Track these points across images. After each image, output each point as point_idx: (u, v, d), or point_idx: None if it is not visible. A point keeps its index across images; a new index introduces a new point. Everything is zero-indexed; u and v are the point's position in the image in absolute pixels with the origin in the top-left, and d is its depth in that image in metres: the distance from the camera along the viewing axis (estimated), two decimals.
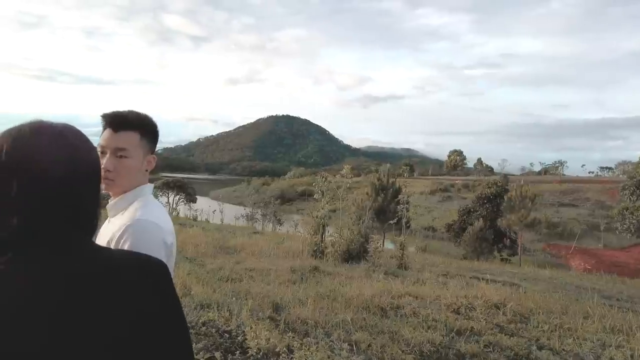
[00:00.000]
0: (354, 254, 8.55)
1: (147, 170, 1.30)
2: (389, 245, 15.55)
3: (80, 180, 0.73)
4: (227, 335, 3.74)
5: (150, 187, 1.32)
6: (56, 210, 0.69)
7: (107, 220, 1.28)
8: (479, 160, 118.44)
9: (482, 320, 4.83)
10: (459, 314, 5.09)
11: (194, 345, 3.41)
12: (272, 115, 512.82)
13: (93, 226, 0.76)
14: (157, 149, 1.37)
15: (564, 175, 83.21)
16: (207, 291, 5.06)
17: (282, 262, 8.06)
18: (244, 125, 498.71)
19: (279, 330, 3.94)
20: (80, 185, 0.73)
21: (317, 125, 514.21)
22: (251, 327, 3.81)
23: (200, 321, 3.97)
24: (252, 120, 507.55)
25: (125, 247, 1.12)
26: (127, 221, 1.16)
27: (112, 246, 1.13)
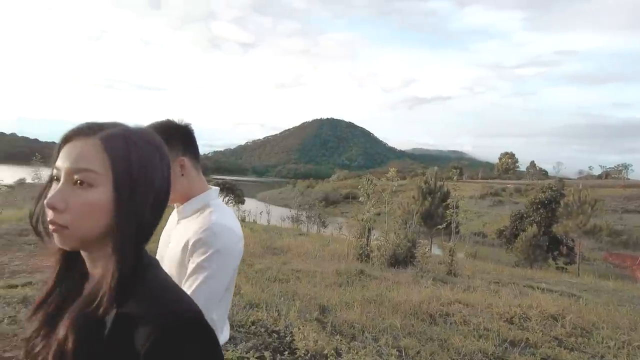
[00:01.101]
0: (401, 259, 8.41)
1: (182, 175, 1.25)
2: (436, 251, 15.15)
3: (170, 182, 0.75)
4: (276, 335, 3.81)
5: (216, 190, 1.36)
6: (160, 215, 0.73)
7: (175, 222, 1.33)
8: (532, 164, 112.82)
9: (538, 331, 4.58)
10: (512, 323, 4.87)
11: (244, 343, 3.51)
12: (316, 119, 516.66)
13: None
14: (207, 152, 1.39)
15: (628, 179, 77.17)
16: (256, 291, 5.17)
17: (327, 264, 8.08)
18: (289, 129, 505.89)
19: (326, 333, 3.95)
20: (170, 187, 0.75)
21: (361, 128, 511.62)
22: (299, 328, 3.86)
23: (250, 320, 4.06)
24: (298, 124, 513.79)
25: (201, 249, 1.16)
26: (204, 224, 1.19)
27: (187, 249, 1.18)
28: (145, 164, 0.68)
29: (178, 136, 1.25)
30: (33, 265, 6.01)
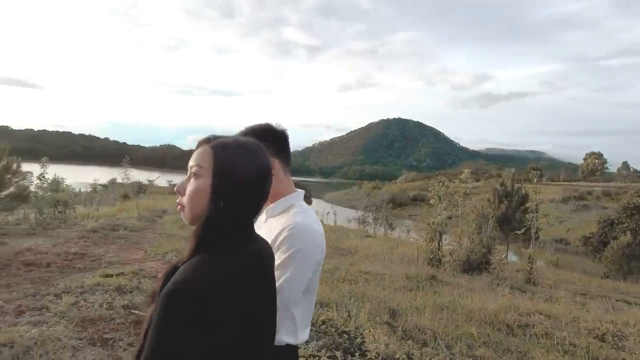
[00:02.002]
0: (475, 265, 8.04)
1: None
2: (513, 258, 14.27)
3: (265, 184, 0.95)
4: (346, 336, 3.83)
5: (302, 193, 1.43)
6: (259, 204, 0.95)
7: (263, 220, 1.40)
8: (624, 164, 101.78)
9: (638, 353, 4.14)
10: (604, 341, 4.44)
11: (315, 342, 3.58)
12: (383, 119, 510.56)
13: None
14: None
15: None
16: (325, 290, 5.24)
17: (396, 267, 7.96)
18: (355, 130, 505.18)
19: (397, 337, 3.90)
20: (267, 186, 0.95)
21: (431, 128, 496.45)
22: (369, 331, 3.84)
23: (320, 319, 4.13)
24: (364, 125, 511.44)
25: (284, 247, 1.22)
26: (288, 224, 1.26)
27: (274, 246, 1.24)
28: (234, 163, 0.88)
29: (272, 139, 1.32)
30: (124, 257, 6.62)
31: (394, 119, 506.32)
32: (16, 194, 9.70)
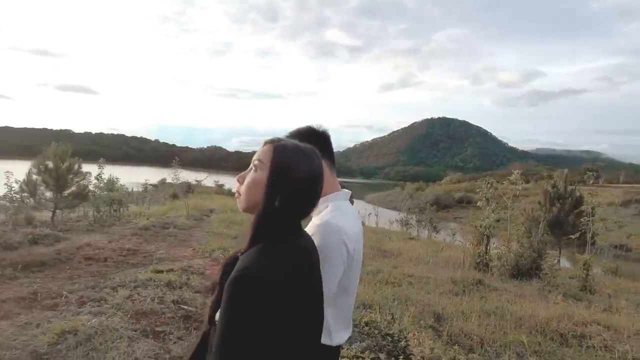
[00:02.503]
0: (525, 270, 7.69)
1: None
2: (565, 264, 13.51)
3: (320, 182, 1.02)
4: (390, 339, 3.79)
5: (343, 193, 1.43)
6: (307, 205, 1.02)
7: (311, 218, 1.43)
8: None
9: None
10: None
11: (358, 343, 3.57)
12: (427, 119, 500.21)
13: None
14: None
15: None
16: (368, 292, 5.21)
17: (441, 271, 7.77)
18: (397, 130, 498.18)
19: (442, 342, 3.82)
20: (319, 186, 1.02)
21: (477, 127, 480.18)
22: (414, 334, 3.78)
23: (364, 321, 4.11)
24: (406, 125, 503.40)
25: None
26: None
27: None
28: (290, 164, 0.97)
29: (315, 140, 1.32)
30: (174, 254, 6.91)
31: (438, 118, 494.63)
32: (77, 193, 10.39)
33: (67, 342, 3.09)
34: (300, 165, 0.97)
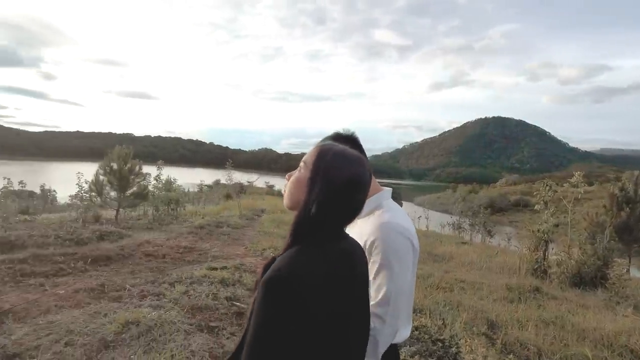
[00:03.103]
0: (588, 279, 7.19)
1: None
2: (636, 273, 12.47)
3: (359, 187, 1.00)
4: (440, 344, 3.71)
5: (387, 192, 1.44)
6: (348, 208, 0.99)
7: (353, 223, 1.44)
8: None
9: None
10: None
11: (407, 347, 3.52)
12: (480, 118, 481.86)
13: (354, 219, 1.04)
14: (367, 156, 1.48)
15: None
16: (419, 296, 5.12)
17: (495, 277, 7.47)
18: (449, 130, 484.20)
19: (496, 350, 3.67)
20: (366, 189, 1.02)
21: (534, 126, 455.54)
22: (466, 341, 3.67)
23: (413, 325, 4.05)
24: (458, 125, 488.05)
25: (377, 249, 1.25)
26: (376, 225, 1.29)
27: (365, 248, 1.27)
28: (330, 166, 0.97)
29: (344, 143, 1.35)
30: (227, 252, 7.16)
31: (493, 117, 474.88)
32: (138, 193, 11.06)
33: (131, 332, 3.31)
34: (342, 169, 0.97)
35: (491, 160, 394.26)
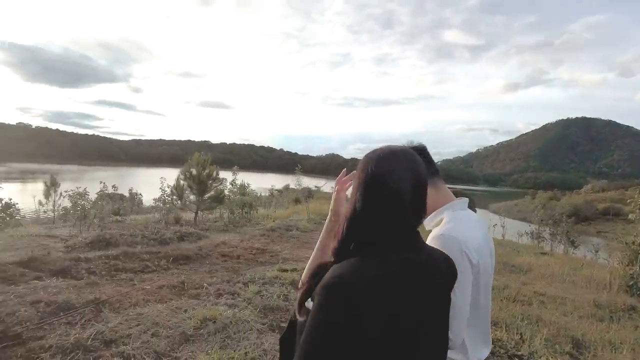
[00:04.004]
0: None
1: None
2: None
3: (420, 191, 0.94)
4: None
5: (459, 202, 1.39)
6: (408, 213, 0.91)
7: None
8: None
9: None
10: None
11: None
12: (562, 119, 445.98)
13: (419, 225, 0.97)
14: (437, 161, 1.44)
15: None
16: (494, 308, 4.86)
17: (580, 292, 6.86)
18: (527, 133, 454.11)
19: None
20: (420, 195, 0.94)
21: (627, 127, 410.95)
22: (547, 359, 3.42)
23: None
24: (537, 127, 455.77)
25: None
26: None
27: None
28: (371, 172, 0.92)
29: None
30: (297, 255, 7.34)
31: (576, 118, 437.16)
32: (215, 197, 11.74)
33: (208, 328, 3.52)
34: (381, 175, 0.90)
35: (574, 164, 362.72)
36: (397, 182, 0.90)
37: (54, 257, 5.66)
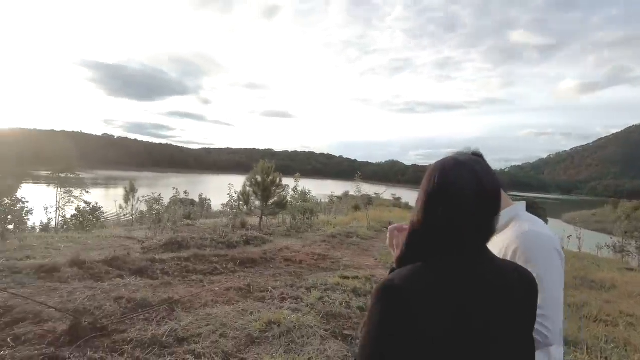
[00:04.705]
0: None
1: None
2: None
3: (486, 202, 0.89)
4: None
5: (522, 205, 1.38)
6: (471, 225, 0.88)
7: None
8: None
9: None
10: None
11: None
12: None
13: (489, 237, 0.92)
14: (503, 167, 1.40)
15: None
16: (572, 327, 4.50)
17: None
18: (606, 137, 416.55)
19: None
20: (488, 206, 0.90)
21: None
22: None
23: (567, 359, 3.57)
24: (619, 129, 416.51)
25: (519, 256, 1.20)
26: (516, 234, 1.25)
27: (505, 257, 1.23)
28: (434, 180, 0.91)
29: None
30: (357, 262, 7.31)
31: None
32: (278, 202, 12.07)
33: (273, 331, 3.61)
34: (449, 181, 0.89)
35: None
36: (459, 193, 0.88)
37: (133, 257, 6.11)
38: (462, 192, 0.88)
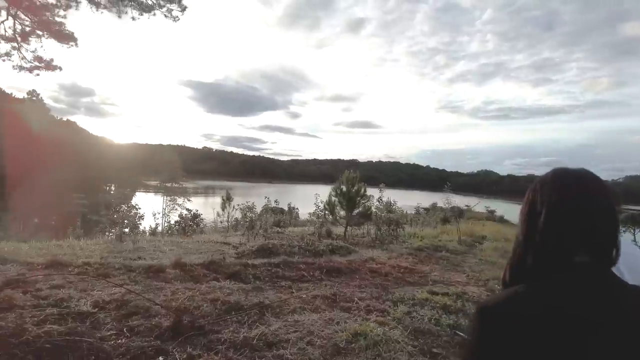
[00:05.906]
0: None
1: None
2: None
3: (597, 219, 0.83)
4: None
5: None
6: (574, 244, 0.83)
7: None
8: None
9: None
10: None
11: None
12: None
13: (608, 256, 0.84)
14: (617, 177, 1.23)
15: None
16: None
17: None
18: None
19: None
20: (598, 223, 0.83)
21: None
22: None
23: None
24: None
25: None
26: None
27: None
28: (530, 196, 0.90)
29: None
30: (447, 278, 6.96)
31: None
32: (363, 213, 12.05)
33: (359, 343, 3.56)
34: (546, 197, 0.87)
35: None
36: (558, 209, 0.84)
37: (228, 261, 6.51)
38: (561, 208, 0.84)
